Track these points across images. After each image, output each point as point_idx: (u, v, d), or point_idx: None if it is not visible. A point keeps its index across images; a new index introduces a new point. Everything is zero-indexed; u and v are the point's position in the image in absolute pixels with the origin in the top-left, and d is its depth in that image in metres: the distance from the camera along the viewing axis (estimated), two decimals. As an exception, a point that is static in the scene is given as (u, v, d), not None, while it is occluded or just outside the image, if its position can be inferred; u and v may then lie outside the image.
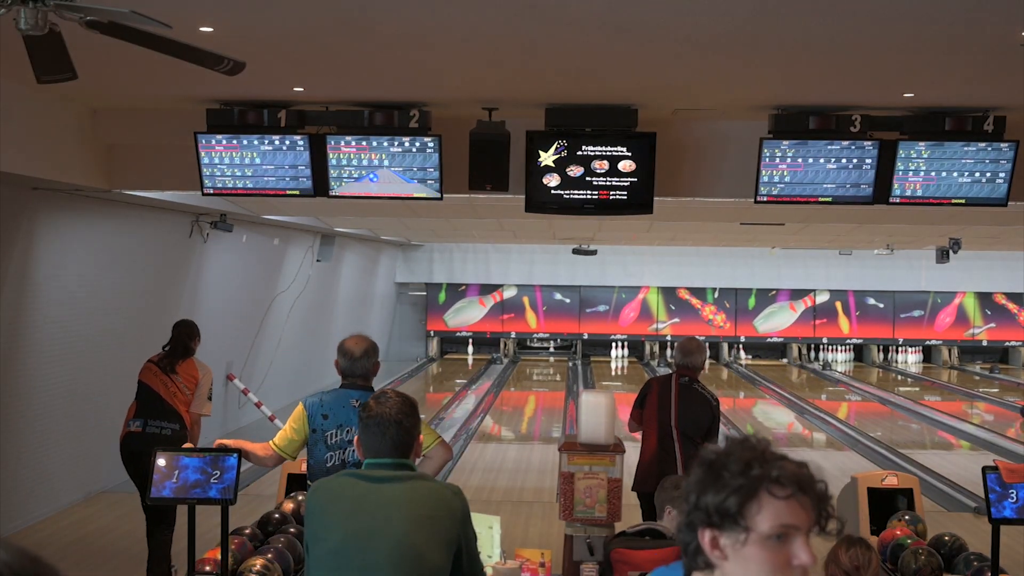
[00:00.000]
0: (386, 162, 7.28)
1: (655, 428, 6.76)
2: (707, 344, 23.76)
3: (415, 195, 7.35)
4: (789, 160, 7.23)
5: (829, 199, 7.30)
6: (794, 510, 1.80)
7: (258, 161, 7.32)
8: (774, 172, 7.27)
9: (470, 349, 25.51)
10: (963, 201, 7.27)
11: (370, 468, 3.26)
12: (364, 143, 7.26)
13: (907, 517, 6.67)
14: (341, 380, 4.71)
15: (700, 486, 1.83)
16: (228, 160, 7.32)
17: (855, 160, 7.21)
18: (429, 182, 7.29)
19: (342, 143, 7.26)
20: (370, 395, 4.63)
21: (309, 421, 4.58)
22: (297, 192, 7.41)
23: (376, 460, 3.26)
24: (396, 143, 7.23)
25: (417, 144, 7.22)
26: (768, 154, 7.22)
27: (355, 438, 3.36)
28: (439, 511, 3.18)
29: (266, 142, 7.27)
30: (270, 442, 4.67)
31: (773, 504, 1.79)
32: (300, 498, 6.47)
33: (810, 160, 7.22)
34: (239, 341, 13.21)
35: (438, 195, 7.32)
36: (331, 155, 7.28)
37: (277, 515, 6.42)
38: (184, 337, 7.10)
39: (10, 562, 1.41)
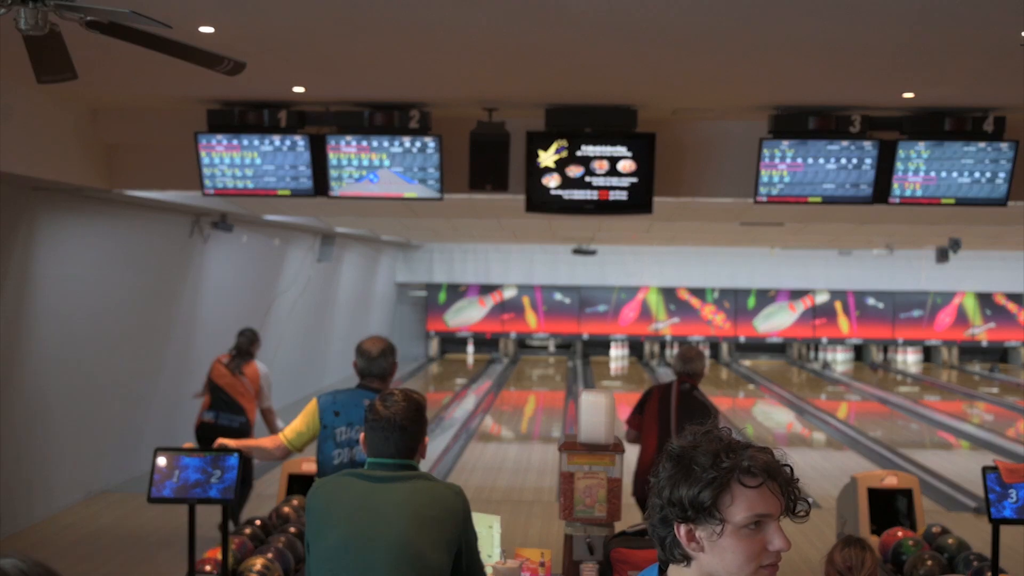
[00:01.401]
0: (386, 162, 7.28)
1: (655, 434, 6.83)
2: (707, 344, 23.97)
3: (415, 195, 7.36)
4: (789, 160, 7.23)
5: (828, 199, 7.30)
6: (766, 498, 1.83)
7: (258, 161, 7.32)
8: (774, 172, 7.27)
9: (470, 349, 25.51)
10: (962, 201, 7.27)
11: (372, 468, 3.27)
12: (364, 143, 7.26)
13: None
14: (359, 380, 4.84)
15: (672, 481, 1.85)
16: (228, 160, 7.32)
17: (855, 160, 7.21)
18: (429, 182, 7.30)
19: (342, 143, 7.26)
20: None
21: (321, 417, 4.69)
22: (295, 193, 7.41)
23: (379, 460, 3.27)
24: (396, 143, 7.24)
25: (417, 144, 7.23)
26: (768, 154, 7.22)
27: (360, 435, 3.38)
28: (440, 511, 3.18)
29: (266, 142, 7.27)
30: (280, 434, 4.83)
31: (746, 494, 1.82)
32: (295, 503, 6.49)
33: (810, 160, 7.22)
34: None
35: (438, 195, 7.33)
36: (331, 155, 7.28)
37: (277, 515, 6.42)
38: (247, 343, 8.37)
39: (26, 570, 1.43)
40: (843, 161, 7.21)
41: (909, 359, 25.09)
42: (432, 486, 3.26)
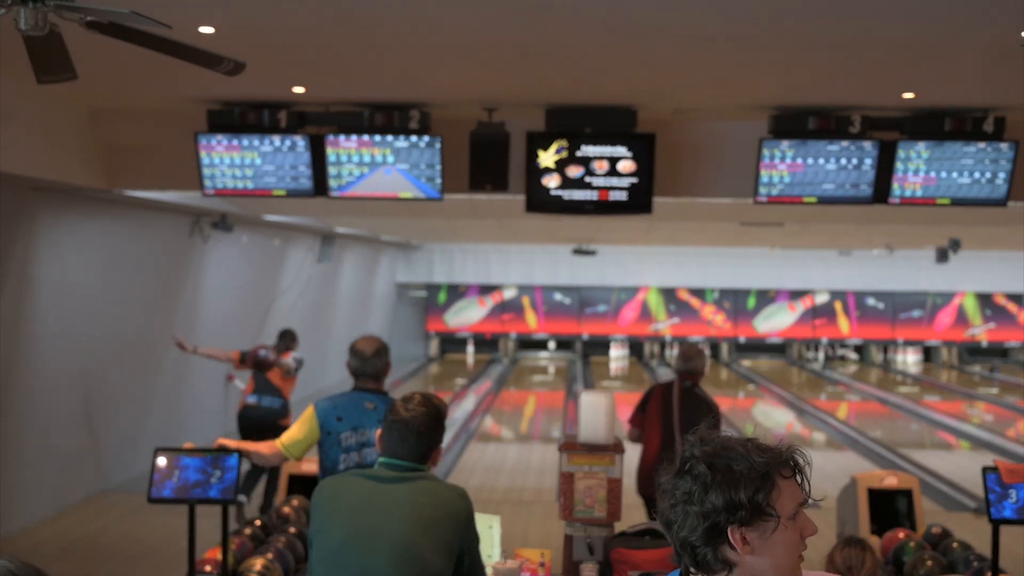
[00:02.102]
0: (387, 162, 7.28)
1: (658, 431, 6.86)
2: (707, 345, 23.95)
3: (415, 195, 7.35)
4: (789, 160, 7.23)
5: (828, 200, 7.30)
6: (798, 486, 1.87)
7: (258, 162, 7.31)
8: (774, 172, 7.27)
9: (470, 349, 25.51)
10: (962, 201, 7.26)
11: (381, 467, 3.28)
12: (364, 144, 7.26)
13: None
14: (353, 382, 4.75)
15: (718, 487, 1.82)
16: (228, 161, 7.32)
17: (855, 160, 7.21)
18: (430, 182, 7.29)
19: (342, 144, 7.26)
20: (382, 398, 4.67)
21: (321, 424, 4.60)
22: (295, 193, 7.41)
23: (390, 460, 3.27)
24: (396, 144, 7.24)
25: (417, 145, 7.22)
26: (768, 154, 7.22)
27: (377, 432, 3.38)
28: (443, 513, 3.18)
29: (266, 143, 7.27)
30: (277, 441, 4.70)
31: (788, 485, 1.85)
32: (295, 503, 6.49)
33: (810, 160, 7.22)
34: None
35: (438, 195, 7.32)
36: (331, 156, 7.28)
37: (277, 515, 6.42)
38: (289, 339, 9.30)
39: (16, 571, 1.44)
40: (843, 161, 7.21)
41: (909, 359, 25.09)
42: (436, 487, 3.26)
